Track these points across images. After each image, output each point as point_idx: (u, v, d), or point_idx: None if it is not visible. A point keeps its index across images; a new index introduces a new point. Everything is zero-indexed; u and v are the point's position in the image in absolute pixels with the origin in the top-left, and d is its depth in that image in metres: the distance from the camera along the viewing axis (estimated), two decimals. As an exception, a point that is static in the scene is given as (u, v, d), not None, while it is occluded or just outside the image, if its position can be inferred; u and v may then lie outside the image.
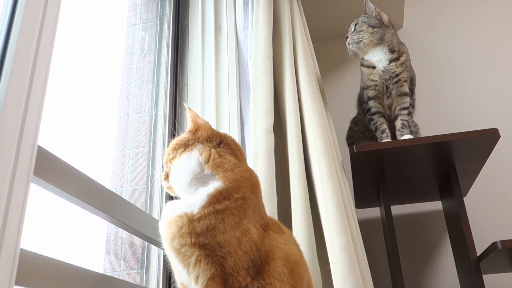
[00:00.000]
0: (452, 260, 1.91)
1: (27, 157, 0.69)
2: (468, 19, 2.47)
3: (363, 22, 1.78)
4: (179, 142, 0.91)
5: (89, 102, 1.38)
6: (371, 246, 1.80)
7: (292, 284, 0.81)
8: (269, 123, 1.43)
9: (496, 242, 1.35)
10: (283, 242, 0.87)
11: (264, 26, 1.61)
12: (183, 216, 0.77)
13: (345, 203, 1.34)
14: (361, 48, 1.78)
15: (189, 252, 0.76)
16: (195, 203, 0.78)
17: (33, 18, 0.76)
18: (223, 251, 0.75)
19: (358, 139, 1.88)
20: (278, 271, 0.80)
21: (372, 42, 1.75)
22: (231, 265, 0.76)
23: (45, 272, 0.75)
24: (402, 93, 1.72)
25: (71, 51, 1.29)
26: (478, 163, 1.67)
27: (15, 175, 0.66)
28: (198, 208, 0.78)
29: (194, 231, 0.76)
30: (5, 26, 0.74)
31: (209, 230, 0.76)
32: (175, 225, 0.77)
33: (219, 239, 0.75)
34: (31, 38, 0.74)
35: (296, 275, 0.84)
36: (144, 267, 1.33)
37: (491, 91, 2.27)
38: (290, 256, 0.85)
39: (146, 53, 1.70)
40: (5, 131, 0.66)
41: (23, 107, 0.70)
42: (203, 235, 0.75)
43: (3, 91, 0.67)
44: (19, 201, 0.66)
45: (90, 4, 1.46)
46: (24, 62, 0.72)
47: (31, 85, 0.72)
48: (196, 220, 0.76)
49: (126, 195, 1.43)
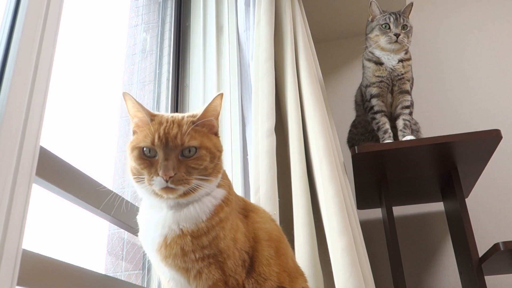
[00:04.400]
0: (454, 261, 1.90)
1: (29, 158, 0.69)
2: (470, 21, 2.47)
3: (411, 28, 1.75)
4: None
5: (91, 103, 1.39)
6: (373, 247, 1.80)
7: (279, 263, 0.84)
8: (270, 124, 1.43)
9: (498, 243, 1.35)
10: (262, 221, 0.89)
11: (266, 27, 1.62)
12: (185, 236, 0.75)
13: (347, 204, 1.34)
14: (396, 49, 1.72)
15: (191, 266, 0.75)
16: (198, 216, 0.76)
17: (35, 19, 0.76)
18: (223, 256, 0.76)
19: (358, 141, 1.88)
20: (266, 256, 0.82)
21: (407, 46, 1.74)
22: (230, 267, 0.77)
23: (47, 273, 0.75)
24: (404, 90, 1.72)
25: (73, 52, 1.29)
26: (480, 164, 1.66)
27: (17, 175, 0.66)
28: (204, 222, 0.76)
29: (199, 246, 0.75)
30: (7, 27, 0.74)
31: (213, 240, 0.76)
32: (176, 247, 0.75)
33: (221, 246, 0.76)
34: (33, 39, 0.75)
35: (281, 253, 0.86)
36: (145, 268, 1.33)
37: (493, 92, 2.26)
38: (272, 233, 0.88)
39: (147, 54, 1.71)
40: (7, 131, 0.66)
41: (26, 108, 0.70)
42: (207, 248, 0.75)
43: (6, 92, 0.68)
44: (21, 201, 0.66)
45: (92, 5, 1.46)
46: (26, 63, 0.72)
47: (33, 86, 0.73)
48: (203, 235, 0.75)
49: (128, 196, 1.43)
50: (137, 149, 0.77)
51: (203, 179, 0.77)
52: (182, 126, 0.78)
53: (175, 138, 0.76)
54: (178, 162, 0.75)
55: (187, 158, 0.76)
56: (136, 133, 0.82)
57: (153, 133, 0.76)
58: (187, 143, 0.76)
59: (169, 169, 0.73)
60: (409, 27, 1.74)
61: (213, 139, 0.83)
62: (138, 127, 0.82)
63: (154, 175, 0.74)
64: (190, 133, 0.77)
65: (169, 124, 0.78)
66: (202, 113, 0.81)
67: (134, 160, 0.77)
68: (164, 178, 0.73)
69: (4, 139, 0.65)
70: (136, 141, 0.78)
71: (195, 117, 0.81)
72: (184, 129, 0.77)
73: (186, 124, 0.78)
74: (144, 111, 0.80)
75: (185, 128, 0.77)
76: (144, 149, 0.77)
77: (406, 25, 1.74)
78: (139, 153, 0.77)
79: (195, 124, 0.79)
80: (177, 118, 0.80)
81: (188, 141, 0.76)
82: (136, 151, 0.77)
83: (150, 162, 0.76)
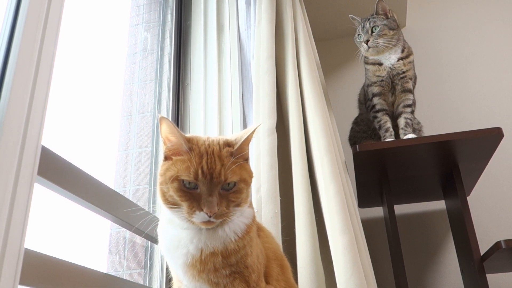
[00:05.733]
0: (455, 260, 1.90)
1: (31, 157, 0.69)
2: (471, 18, 2.46)
3: (384, 25, 1.70)
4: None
5: (92, 102, 1.39)
6: (374, 246, 1.80)
7: (285, 280, 0.90)
8: (271, 122, 1.43)
9: (500, 242, 1.35)
10: (267, 240, 0.94)
11: (267, 25, 1.61)
12: (216, 255, 0.77)
13: (348, 203, 1.34)
14: (379, 51, 1.72)
15: (221, 281, 0.78)
16: (231, 237, 0.78)
17: (36, 19, 0.76)
18: (249, 271, 0.79)
19: (360, 138, 1.88)
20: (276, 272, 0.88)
21: (390, 43, 1.70)
22: (255, 280, 0.80)
23: (49, 272, 0.76)
24: (406, 89, 1.72)
25: (74, 51, 1.29)
26: (481, 162, 1.66)
27: (19, 175, 0.66)
28: (235, 242, 0.78)
29: (229, 263, 0.77)
30: (8, 26, 0.74)
31: (242, 258, 0.79)
32: (210, 263, 0.77)
33: (248, 262, 0.79)
34: (34, 38, 0.75)
35: (285, 269, 0.93)
36: (147, 267, 1.33)
37: (495, 90, 2.26)
38: (277, 252, 0.93)
39: (148, 53, 1.71)
40: (9, 131, 0.66)
41: (27, 107, 0.70)
42: (235, 265, 0.78)
43: (7, 92, 0.68)
44: (23, 201, 0.66)
45: (93, 4, 1.46)
46: (28, 62, 0.72)
47: (35, 85, 0.73)
48: (232, 254, 0.78)
49: (129, 195, 1.43)
50: (177, 181, 0.76)
51: (239, 208, 0.79)
52: (223, 160, 0.77)
53: (219, 175, 0.76)
54: (220, 197, 0.76)
55: (227, 191, 0.77)
56: (170, 160, 0.79)
57: (196, 167, 0.75)
58: (230, 179, 0.77)
59: (214, 206, 0.74)
60: (379, 25, 1.70)
61: (248, 168, 0.83)
62: (172, 152, 0.80)
63: (197, 210, 0.74)
64: (231, 167, 0.77)
65: (210, 157, 0.77)
66: (241, 146, 0.80)
67: (174, 192, 0.76)
68: (208, 214, 0.74)
69: (6, 139, 0.65)
70: (176, 172, 0.76)
71: (232, 145, 0.81)
72: (226, 164, 0.77)
73: (226, 157, 0.78)
74: (181, 137, 0.78)
75: (227, 163, 0.77)
76: (184, 181, 0.76)
77: (375, 26, 1.71)
78: (180, 185, 0.76)
79: (234, 157, 0.79)
80: (216, 149, 0.79)
81: (231, 176, 0.77)
82: (176, 182, 0.76)
83: (191, 194, 0.76)
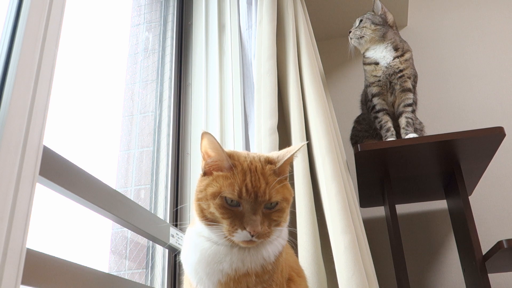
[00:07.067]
0: (457, 259, 1.90)
1: (32, 157, 0.70)
2: (473, 17, 2.46)
3: (367, 18, 1.81)
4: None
5: (93, 102, 1.39)
6: (376, 245, 1.80)
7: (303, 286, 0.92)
8: (273, 122, 1.42)
9: (502, 241, 1.35)
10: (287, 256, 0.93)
11: (268, 25, 1.61)
12: (250, 276, 0.77)
13: (350, 202, 1.34)
14: (362, 44, 1.82)
15: None
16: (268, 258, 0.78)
17: (38, 19, 0.76)
18: (277, 285, 0.80)
19: (362, 138, 1.88)
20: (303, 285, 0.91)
21: (373, 39, 1.78)
22: None
23: (51, 272, 0.76)
24: (406, 88, 1.72)
25: (75, 51, 1.30)
26: (483, 162, 1.66)
27: (20, 175, 0.66)
28: (271, 263, 0.79)
29: (261, 281, 0.78)
30: (10, 27, 0.74)
31: (271, 276, 0.79)
32: (243, 282, 0.77)
33: (275, 278, 0.80)
34: (36, 39, 0.75)
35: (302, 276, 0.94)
36: (149, 267, 1.33)
37: (497, 90, 2.25)
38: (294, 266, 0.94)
39: (150, 53, 1.71)
40: (11, 131, 0.66)
41: (29, 107, 0.70)
42: (266, 282, 0.78)
43: (9, 92, 0.68)
44: (25, 201, 0.66)
45: (94, 4, 1.46)
46: (30, 62, 0.72)
47: (37, 86, 0.73)
48: (266, 273, 0.78)
49: (131, 195, 1.43)
50: (220, 198, 0.75)
51: (279, 228, 0.79)
52: (267, 178, 0.76)
53: (264, 193, 0.75)
54: (263, 216, 0.75)
55: (269, 210, 0.76)
56: (210, 175, 0.78)
57: (240, 185, 0.74)
58: (274, 198, 0.76)
59: (257, 225, 0.73)
60: (365, 19, 1.81)
61: (289, 187, 0.82)
62: (212, 168, 0.79)
63: (239, 228, 0.73)
64: (276, 186, 0.76)
65: (253, 175, 0.76)
66: (283, 165, 0.80)
67: (215, 208, 0.75)
68: (251, 234, 0.73)
69: (8, 139, 0.65)
70: (218, 188, 0.75)
71: (274, 163, 0.80)
72: (270, 183, 0.76)
73: (270, 175, 0.77)
74: (223, 153, 0.77)
75: (271, 181, 0.76)
76: (227, 198, 0.74)
77: (362, 19, 1.83)
78: (222, 202, 0.74)
79: (278, 175, 0.78)
80: (259, 166, 0.78)
81: (275, 196, 0.76)
82: (218, 199, 0.75)
83: (233, 212, 0.74)
